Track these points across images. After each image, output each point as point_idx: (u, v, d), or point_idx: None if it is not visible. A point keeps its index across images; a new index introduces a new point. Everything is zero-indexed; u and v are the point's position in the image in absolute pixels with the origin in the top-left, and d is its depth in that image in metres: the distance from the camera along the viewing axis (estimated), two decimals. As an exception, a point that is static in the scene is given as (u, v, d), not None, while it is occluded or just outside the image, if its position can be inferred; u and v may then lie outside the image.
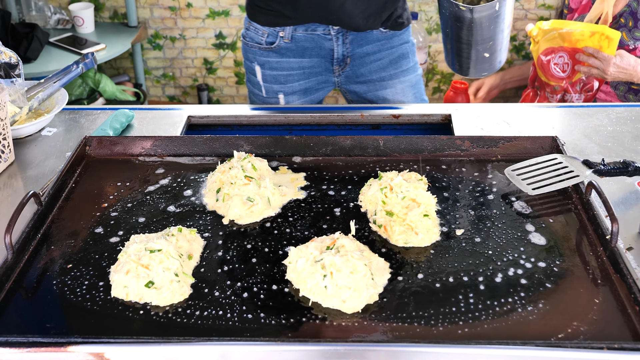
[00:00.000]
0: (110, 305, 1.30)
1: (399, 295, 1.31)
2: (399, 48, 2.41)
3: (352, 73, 2.45)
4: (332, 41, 2.35)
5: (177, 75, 4.79)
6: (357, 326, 1.24)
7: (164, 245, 1.37)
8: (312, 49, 2.38)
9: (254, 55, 2.45)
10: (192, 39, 4.63)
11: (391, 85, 2.44)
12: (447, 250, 1.43)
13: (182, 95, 4.88)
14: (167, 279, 1.32)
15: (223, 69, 4.73)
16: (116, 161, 1.82)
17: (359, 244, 1.43)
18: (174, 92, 4.87)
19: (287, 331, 1.23)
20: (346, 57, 2.40)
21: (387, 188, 1.53)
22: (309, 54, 2.40)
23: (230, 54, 4.65)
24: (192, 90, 4.84)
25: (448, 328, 1.22)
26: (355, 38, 2.35)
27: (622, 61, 2.55)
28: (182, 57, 4.70)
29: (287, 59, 2.41)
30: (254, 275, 1.38)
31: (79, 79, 4.06)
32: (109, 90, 4.10)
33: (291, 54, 2.40)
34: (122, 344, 1.19)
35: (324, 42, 2.36)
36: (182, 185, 1.71)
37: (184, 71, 4.77)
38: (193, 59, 4.72)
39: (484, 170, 1.72)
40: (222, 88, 4.82)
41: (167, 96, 4.89)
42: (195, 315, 1.27)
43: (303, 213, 1.58)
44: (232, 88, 4.81)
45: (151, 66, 4.76)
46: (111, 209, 1.61)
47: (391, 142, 1.81)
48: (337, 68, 2.44)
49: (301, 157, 1.82)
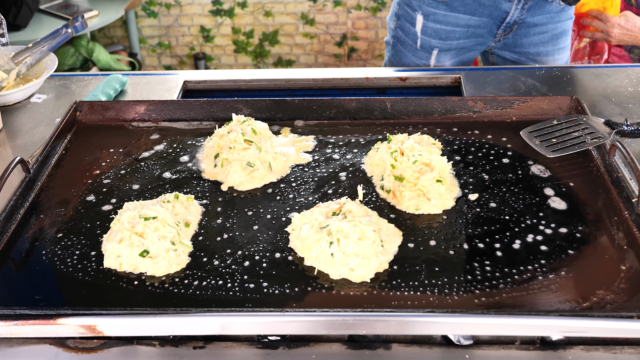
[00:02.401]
0: (103, 276, 1.27)
1: (411, 263, 1.27)
2: (564, 23, 2.29)
3: (513, 41, 2.33)
4: (512, 3, 2.20)
5: (173, 44, 4.70)
6: (366, 296, 1.20)
7: (160, 212, 1.32)
8: (487, 7, 2.23)
9: (420, 3, 2.28)
10: (188, 5, 4.54)
11: (543, 62, 2.34)
12: (461, 216, 1.39)
13: (179, 65, 4.80)
14: (163, 248, 1.28)
15: (220, 36, 4.64)
16: (108, 127, 1.78)
17: (368, 210, 1.38)
18: (170, 61, 4.79)
19: (292, 301, 1.19)
20: (516, 23, 2.27)
21: (397, 152, 1.48)
22: (481, 12, 2.24)
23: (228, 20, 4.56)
24: (189, 60, 4.75)
25: (464, 297, 1.18)
26: (534, 4, 2.21)
27: (627, 22, 2.47)
28: (177, 25, 4.61)
29: (457, 14, 2.25)
30: (256, 243, 1.34)
31: (71, 48, 3.98)
32: (102, 60, 4.02)
33: (463, 9, 2.24)
34: (116, 315, 1.16)
35: (503, 2, 2.21)
36: (178, 151, 1.67)
37: (180, 39, 4.69)
38: (189, 27, 4.63)
39: (498, 133, 1.66)
40: (220, 57, 4.74)
41: (164, 66, 4.82)
42: (194, 286, 1.23)
43: (307, 178, 1.54)
44: (230, 57, 4.72)
45: (146, 35, 4.67)
46: (103, 176, 1.57)
47: (399, 104, 1.76)
48: (501, 33, 2.30)
49: (304, 121, 1.77)
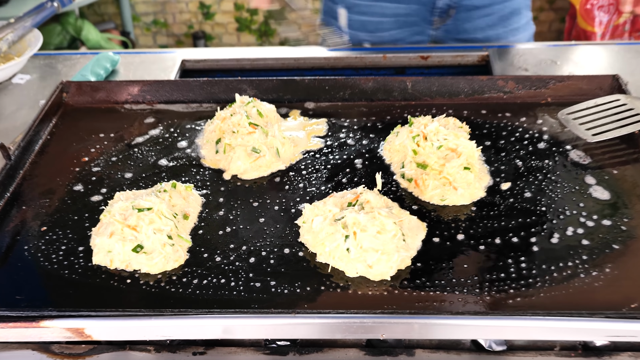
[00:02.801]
0: (92, 274, 1.25)
1: (436, 259, 1.25)
2: (513, 2, 2.22)
3: (454, 28, 2.26)
4: None
5: (169, 22, 4.68)
6: (386, 296, 1.18)
7: (155, 202, 1.31)
8: None
9: None
10: (185, -21, 4.52)
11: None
12: (492, 207, 1.37)
13: (176, 45, 4.79)
14: (158, 243, 1.26)
15: (222, 13, 4.62)
16: (98, 110, 1.77)
17: (387, 200, 1.36)
18: (167, 40, 4.77)
19: (303, 302, 1.17)
20: (450, 8, 2.21)
21: (419, 136, 1.45)
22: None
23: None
24: (187, 39, 4.73)
25: (496, 297, 1.16)
26: None
27: None
28: (174, 1, 4.59)
29: (382, 4, 2.22)
30: (262, 237, 1.32)
31: (57, 26, 3.97)
32: (92, 39, 4.01)
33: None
34: (106, 317, 1.15)
35: None
36: (175, 135, 1.65)
37: (177, 17, 4.66)
38: (187, 3, 4.61)
39: (532, 115, 1.64)
40: (221, 36, 4.71)
41: (159, 46, 4.80)
42: (193, 285, 1.22)
43: (319, 165, 1.52)
44: (232, 36, 4.70)
45: (140, 11, 4.65)
46: (92, 163, 1.56)
47: (421, 84, 1.73)
48: (437, 20, 2.25)
49: (315, 103, 1.75)
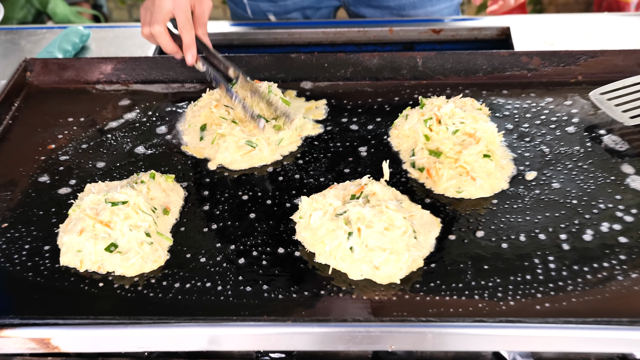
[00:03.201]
0: (60, 277, 1.24)
1: (452, 259, 1.24)
2: None
3: None
4: None
5: (147, -6, 4.66)
6: (395, 301, 1.17)
7: (131, 195, 1.29)
8: None
9: None
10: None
11: (414, 17, 2.23)
12: (516, 200, 1.35)
13: (155, 20, 4.76)
14: (135, 241, 1.25)
15: (206, -16, 4.60)
16: (67, 91, 1.76)
17: (396, 192, 1.35)
18: (144, 15, 4.75)
19: (300, 308, 1.16)
20: None
21: (432, 119, 1.44)
22: None
23: (216, -36, 4.52)
24: (167, 13, 4.71)
25: (522, 303, 1.14)
26: None
27: None
28: (153, -30, 4.57)
29: None
30: (253, 235, 1.31)
31: (21, -1, 3.94)
32: (60, 13, 3.98)
33: None
34: (75, 326, 1.14)
35: None
36: (153, 120, 1.64)
37: (156, -12, 4.64)
38: (168, -27, 4.59)
39: (561, 95, 1.63)
40: (206, 10, 4.70)
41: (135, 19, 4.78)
42: (175, 289, 1.21)
43: (317, 153, 1.51)
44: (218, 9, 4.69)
45: (114, -18, 4.64)
46: (60, 151, 1.55)
47: (433, 61, 1.72)
48: None
49: (313, 82, 1.74)
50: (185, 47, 1.59)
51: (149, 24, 1.58)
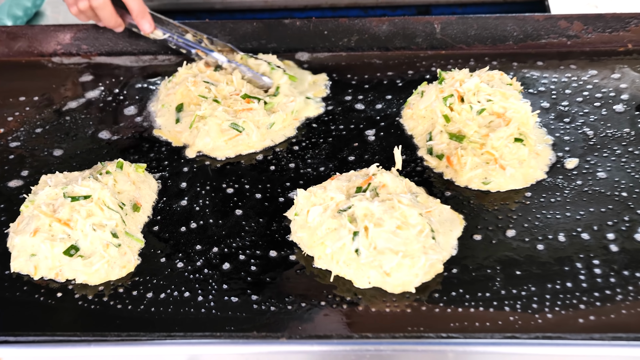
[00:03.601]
0: (10, 285, 1.24)
1: (478, 264, 1.23)
2: None
3: None
4: None
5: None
6: (409, 314, 1.16)
7: (95, 189, 1.29)
8: None
9: None
10: None
11: None
12: (554, 193, 1.35)
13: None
14: (100, 243, 1.25)
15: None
16: (17, 64, 1.78)
17: (410, 184, 1.34)
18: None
19: (295, 323, 1.16)
20: None
21: (453, 96, 1.44)
22: None
23: None
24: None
25: (561, 315, 1.14)
26: None
27: None
28: None
29: None
30: (240, 235, 1.31)
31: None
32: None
33: None
34: (29, 344, 1.14)
35: None
36: (121, 99, 1.65)
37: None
38: None
39: (607, 67, 1.63)
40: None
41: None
42: (147, 299, 1.20)
43: (316, 138, 1.52)
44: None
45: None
46: (10, 136, 1.56)
47: (454, 27, 1.73)
48: None
49: (310, 53, 1.75)
50: (136, 13, 1.60)
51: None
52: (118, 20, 1.62)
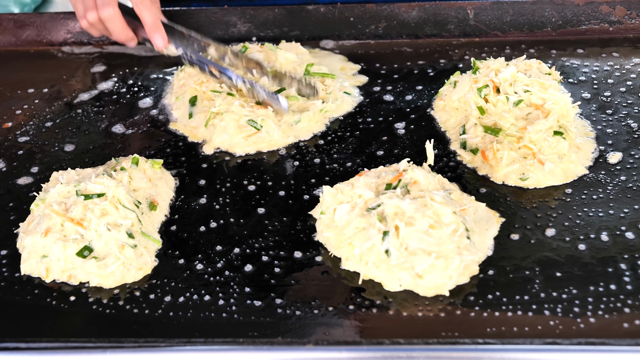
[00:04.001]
0: (21, 289, 1.25)
1: (516, 265, 1.23)
2: None
3: None
4: None
5: None
6: (443, 318, 1.16)
7: (109, 186, 1.30)
8: None
9: None
10: None
11: None
12: (596, 189, 1.35)
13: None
14: (115, 244, 1.25)
15: None
16: (26, 54, 1.79)
17: (443, 180, 1.34)
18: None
19: (322, 328, 1.15)
20: None
21: (488, 87, 1.44)
22: None
23: None
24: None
25: (605, 320, 1.13)
26: None
27: None
28: None
29: None
30: (263, 235, 1.31)
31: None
32: (15, -44, 4.01)
33: None
34: (41, 351, 1.14)
35: None
36: (135, 90, 1.65)
37: None
38: None
39: None
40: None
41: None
42: (165, 304, 1.21)
43: (342, 131, 1.51)
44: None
45: None
46: (18, 131, 1.56)
47: (488, 13, 1.73)
48: None
49: (335, 41, 1.75)
50: (149, 28, 1.56)
51: (94, 8, 1.55)
52: (130, 34, 1.60)
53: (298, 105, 1.52)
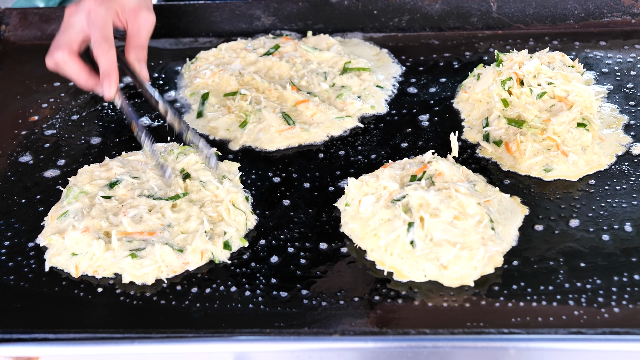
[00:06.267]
0: (48, 280, 1.25)
1: (540, 256, 1.23)
2: None
3: None
4: None
5: None
6: (468, 309, 1.16)
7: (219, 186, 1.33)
8: None
9: None
10: None
11: None
12: (620, 181, 1.35)
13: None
14: None
15: None
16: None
17: (467, 172, 1.34)
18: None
19: (348, 318, 1.16)
20: None
21: (511, 79, 1.43)
22: None
23: None
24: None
25: (629, 310, 1.13)
26: None
27: None
28: None
29: None
30: (289, 227, 1.32)
31: None
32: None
33: None
34: (68, 342, 1.14)
35: None
36: (160, 83, 1.66)
37: None
38: None
39: None
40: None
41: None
42: (192, 295, 1.21)
43: (367, 124, 1.52)
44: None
45: None
46: (45, 124, 1.57)
47: (511, 5, 1.72)
48: None
49: (363, 33, 1.76)
50: (102, 74, 1.43)
51: (51, 51, 1.47)
52: (90, 81, 1.46)
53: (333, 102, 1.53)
